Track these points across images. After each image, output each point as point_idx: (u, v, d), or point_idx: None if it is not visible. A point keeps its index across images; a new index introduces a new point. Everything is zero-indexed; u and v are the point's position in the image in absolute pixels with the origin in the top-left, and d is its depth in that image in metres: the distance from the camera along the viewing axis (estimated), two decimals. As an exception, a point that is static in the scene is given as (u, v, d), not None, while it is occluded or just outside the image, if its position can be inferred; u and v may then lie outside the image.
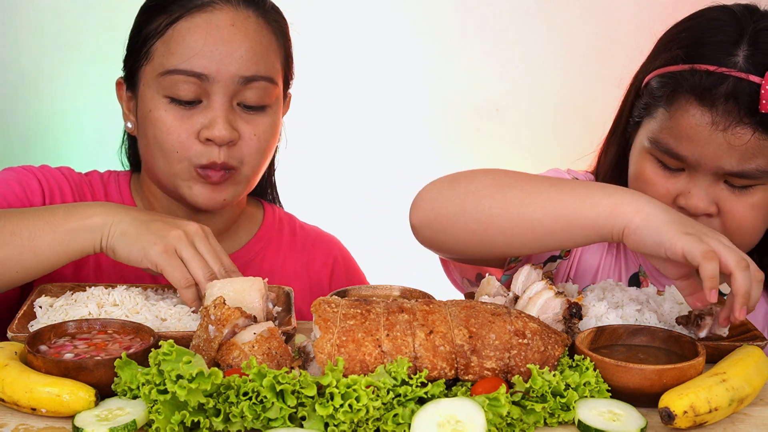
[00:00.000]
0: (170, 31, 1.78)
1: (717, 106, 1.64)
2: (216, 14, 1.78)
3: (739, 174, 1.67)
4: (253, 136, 1.80)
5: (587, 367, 1.34)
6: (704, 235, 1.47)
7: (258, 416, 1.20)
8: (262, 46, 1.80)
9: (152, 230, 1.57)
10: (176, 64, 1.75)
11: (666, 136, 1.71)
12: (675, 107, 1.69)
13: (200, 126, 1.76)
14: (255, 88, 1.78)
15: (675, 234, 1.45)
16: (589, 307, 1.58)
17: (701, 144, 1.66)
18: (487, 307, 1.38)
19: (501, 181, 1.63)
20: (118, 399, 1.28)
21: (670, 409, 1.26)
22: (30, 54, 3.00)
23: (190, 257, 1.56)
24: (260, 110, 1.81)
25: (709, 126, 1.65)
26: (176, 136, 1.76)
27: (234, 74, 1.76)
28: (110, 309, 1.55)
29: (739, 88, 1.63)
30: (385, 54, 3.14)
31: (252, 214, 2.03)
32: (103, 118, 3.04)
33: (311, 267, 2.02)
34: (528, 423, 1.27)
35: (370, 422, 1.22)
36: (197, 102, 1.77)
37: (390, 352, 1.30)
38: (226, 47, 1.75)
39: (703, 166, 1.68)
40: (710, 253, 1.41)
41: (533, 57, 3.12)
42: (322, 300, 1.36)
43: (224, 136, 1.75)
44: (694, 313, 1.52)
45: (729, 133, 1.64)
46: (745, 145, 1.64)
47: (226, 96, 1.76)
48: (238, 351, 1.32)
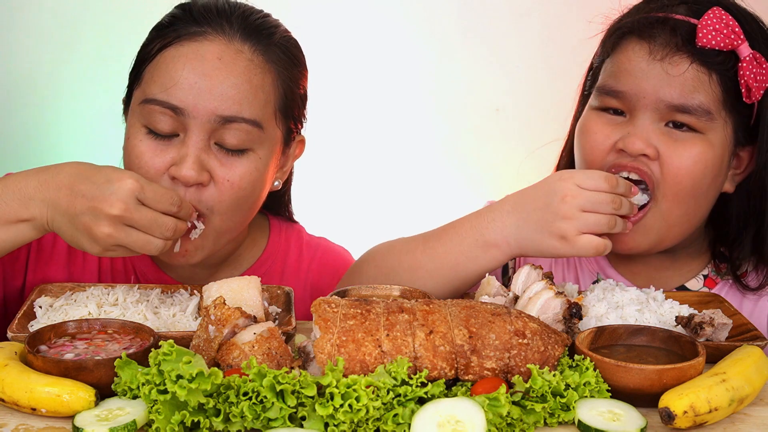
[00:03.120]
0: (159, 57, 1.68)
1: (655, 38, 1.68)
2: (205, 45, 1.65)
3: (681, 108, 1.67)
4: (226, 182, 1.65)
5: (587, 367, 1.34)
6: (563, 221, 1.60)
7: (258, 416, 1.20)
8: (250, 85, 1.66)
9: (80, 229, 1.47)
10: (155, 94, 1.64)
11: (607, 78, 1.74)
12: (616, 51, 1.74)
13: (171, 161, 1.64)
14: (235, 129, 1.64)
15: (552, 246, 1.62)
16: (589, 307, 1.58)
17: (640, 75, 1.69)
18: (487, 307, 1.38)
19: (386, 263, 1.75)
20: (118, 399, 1.28)
21: (670, 409, 1.26)
22: (30, 54, 3.00)
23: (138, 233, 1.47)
24: (240, 153, 1.66)
25: (647, 56, 1.68)
26: (144, 170, 1.64)
27: (211, 112, 1.63)
28: (110, 309, 1.55)
29: (677, 25, 1.68)
30: (385, 55, 3.14)
31: (255, 240, 1.92)
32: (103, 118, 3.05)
33: (316, 286, 1.95)
34: (528, 423, 1.27)
35: (370, 422, 1.22)
36: (174, 135, 1.65)
37: (390, 352, 1.30)
38: (206, 82, 1.63)
39: (642, 101, 1.69)
40: (600, 247, 1.60)
41: (533, 57, 3.12)
42: (322, 300, 1.36)
43: (190, 176, 1.61)
44: (694, 320, 1.52)
45: (666, 62, 1.67)
46: (683, 76, 1.66)
47: (202, 133, 1.63)
48: (238, 351, 1.32)
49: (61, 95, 3.05)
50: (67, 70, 3.03)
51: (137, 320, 1.51)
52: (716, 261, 1.86)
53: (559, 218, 1.60)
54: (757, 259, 1.81)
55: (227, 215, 1.68)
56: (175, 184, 1.64)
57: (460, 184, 3.19)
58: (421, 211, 3.11)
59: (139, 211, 1.46)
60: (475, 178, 3.20)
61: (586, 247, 1.60)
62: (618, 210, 1.61)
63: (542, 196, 1.64)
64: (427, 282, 1.69)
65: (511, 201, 1.67)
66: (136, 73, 1.72)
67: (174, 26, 1.69)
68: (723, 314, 1.53)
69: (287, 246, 1.96)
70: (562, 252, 1.62)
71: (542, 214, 1.62)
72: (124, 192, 1.45)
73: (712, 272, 1.86)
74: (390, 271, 1.73)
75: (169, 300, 1.63)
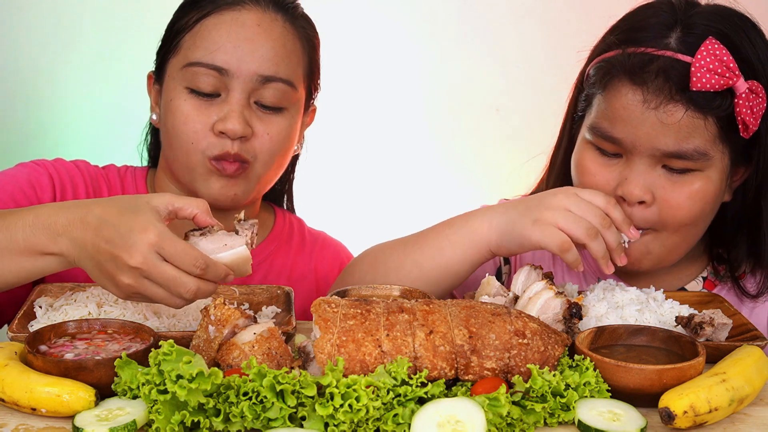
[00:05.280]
0: (198, 26, 1.82)
1: (648, 84, 1.63)
2: (244, 13, 1.82)
3: (676, 154, 1.65)
4: (266, 135, 1.82)
5: (587, 367, 1.34)
6: (548, 210, 1.58)
7: (258, 416, 1.20)
8: (285, 49, 1.83)
9: (105, 275, 1.43)
10: (199, 57, 1.80)
11: (601, 120, 1.70)
12: (609, 90, 1.69)
13: (216, 118, 1.79)
14: (273, 89, 1.81)
15: (525, 228, 1.59)
16: (589, 307, 1.58)
17: (634, 124, 1.65)
18: (487, 307, 1.38)
19: (377, 261, 1.76)
20: (118, 399, 1.28)
21: (670, 409, 1.26)
22: (30, 54, 3.00)
23: (157, 287, 1.41)
24: (277, 111, 1.84)
25: (641, 104, 1.64)
26: (191, 126, 1.80)
27: (253, 72, 1.79)
28: (110, 309, 1.55)
29: (670, 67, 1.63)
30: (385, 54, 3.14)
31: (264, 219, 2.04)
32: (103, 117, 3.05)
33: (318, 271, 2.04)
34: (528, 423, 1.27)
35: (370, 422, 1.22)
36: (216, 95, 1.80)
37: (390, 352, 1.30)
38: (248, 45, 1.80)
39: (638, 148, 1.66)
40: (564, 244, 1.56)
41: (533, 57, 3.12)
42: (322, 300, 1.36)
43: (237, 129, 1.78)
44: (694, 320, 1.52)
45: (661, 111, 1.63)
46: (678, 124, 1.62)
47: (243, 92, 1.80)
48: (238, 351, 1.32)
49: (61, 95, 3.05)
50: (67, 70, 3.03)
51: (137, 320, 1.51)
52: (715, 263, 1.86)
53: (543, 207, 1.60)
54: (754, 262, 1.81)
55: (266, 164, 1.86)
56: (221, 138, 1.79)
57: (459, 184, 3.19)
58: (420, 211, 3.11)
59: (158, 267, 1.40)
60: (474, 177, 3.20)
61: (551, 237, 1.56)
62: (604, 228, 1.57)
63: (538, 196, 1.65)
64: (413, 270, 1.70)
65: (506, 201, 1.68)
66: (170, 44, 1.86)
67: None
68: (723, 314, 1.54)
69: (291, 230, 2.06)
70: (527, 233, 1.59)
71: (531, 203, 1.63)
72: (144, 245, 1.40)
73: (711, 275, 1.86)
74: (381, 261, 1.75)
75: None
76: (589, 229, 1.56)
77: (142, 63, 1.96)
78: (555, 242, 1.56)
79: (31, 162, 1.88)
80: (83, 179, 1.89)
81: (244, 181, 1.84)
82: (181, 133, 1.81)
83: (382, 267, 1.74)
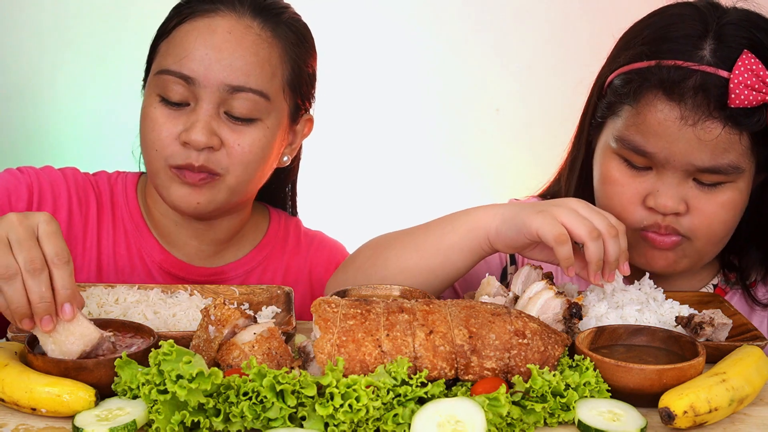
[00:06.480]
0: (174, 32, 1.79)
1: (686, 100, 1.61)
2: (216, 20, 1.77)
3: (711, 170, 1.64)
4: (237, 146, 1.76)
5: (587, 367, 1.34)
6: (555, 207, 1.55)
7: (258, 416, 1.20)
8: (257, 58, 1.76)
9: None
10: (169, 65, 1.76)
11: (633, 134, 1.67)
12: (642, 103, 1.65)
13: (182, 128, 1.75)
14: (243, 99, 1.75)
15: (527, 216, 1.56)
16: (589, 307, 1.58)
17: (670, 140, 1.63)
18: (487, 307, 1.38)
19: (379, 246, 1.75)
20: (118, 399, 1.28)
21: (670, 409, 1.26)
22: (30, 54, 3.00)
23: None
24: (248, 122, 1.77)
25: (678, 120, 1.62)
26: (157, 134, 1.76)
27: (221, 81, 1.74)
28: (110, 309, 1.55)
29: (707, 82, 1.60)
30: (387, 54, 3.14)
31: (257, 223, 2.01)
32: (103, 119, 3.05)
33: (313, 273, 2.02)
34: (528, 423, 1.27)
35: (370, 422, 1.22)
36: (185, 104, 1.76)
37: (390, 352, 1.30)
38: (216, 53, 1.74)
39: (672, 163, 1.65)
40: (561, 236, 1.52)
41: (534, 57, 3.12)
42: (322, 300, 1.36)
43: (200, 141, 1.72)
44: (694, 320, 1.52)
45: (698, 127, 1.61)
46: (715, 140, 1.61)
47: (212, 103, 1.74)
48: (238, 351, 1.32)
49: (61, 95, 3.05)
50: (67, 70, 3.03)
51: (137, 320, 1.51)
52: (725, 270, 1.85)
53: (552, 204, 1.58)
54: (765, 271, 1.81)
55: (240, 176, 1.79)
56: (186, 149, 1.74)
57: (459, 183, 3.19)
58: (420, 210, 3.11)
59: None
60: (474, 177, 3.20)
61: (549, 226, 1.53)
62: (609, 235, 1.54)
63: (552, 199, 1.64)
64: (413, 255, 1.69)
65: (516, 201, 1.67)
66: (154, 49, 1.84)
67: (190, 4, 1.81)
68: (723, 314, 1.54)
69: (286, 233, 2.03)
70: (528, 220, 1.55)
71: (542, 202, 1.61)
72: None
73: (721, 282, 1.85)
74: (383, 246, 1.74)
75: (170, 300, 1.63)
76: (591, 230, 1.53)
77: (140, 66, 1.96)
78: (552, 232, 1.52)
79: (15, 169, 1.87)
80: (67, 188, 1.86)
81: (209, 191, 1.78)
82: (147, 140, 1.78)
83: (383, 252, 1.72)
